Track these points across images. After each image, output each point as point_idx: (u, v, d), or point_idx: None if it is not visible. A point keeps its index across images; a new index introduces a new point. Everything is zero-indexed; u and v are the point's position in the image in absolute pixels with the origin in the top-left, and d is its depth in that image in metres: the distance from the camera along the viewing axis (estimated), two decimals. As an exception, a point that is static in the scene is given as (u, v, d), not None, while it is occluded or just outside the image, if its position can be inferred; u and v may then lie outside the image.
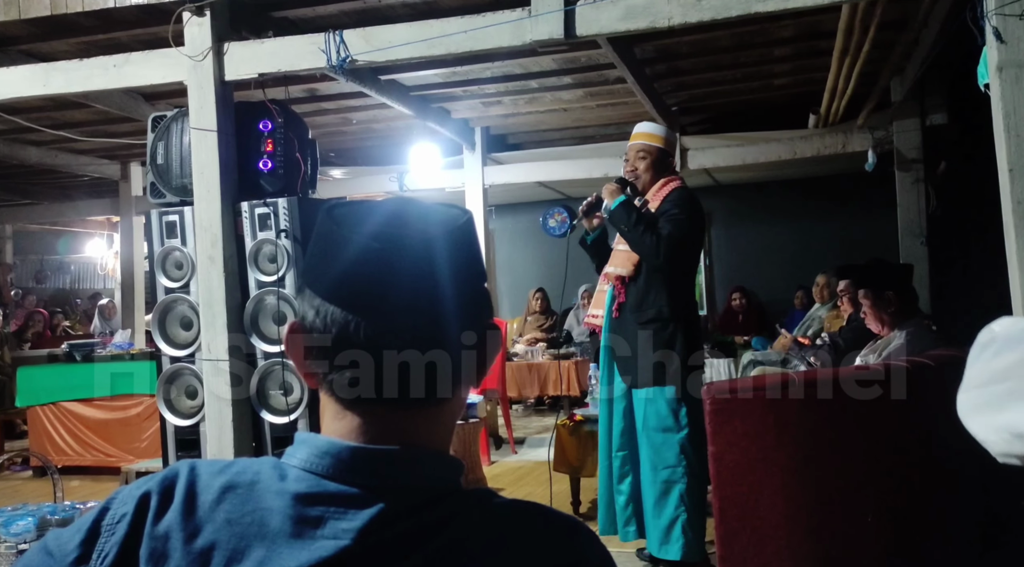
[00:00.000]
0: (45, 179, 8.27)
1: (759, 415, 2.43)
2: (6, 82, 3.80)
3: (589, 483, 4.19)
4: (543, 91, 5.61)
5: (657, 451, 3.14)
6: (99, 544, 0.74)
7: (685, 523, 3.08)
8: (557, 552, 0.73)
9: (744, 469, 2.42)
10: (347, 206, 0.79)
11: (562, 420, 4.18)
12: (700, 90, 5.87)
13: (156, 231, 3.72)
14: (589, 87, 5.55)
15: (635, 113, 6.19)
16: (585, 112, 6.29)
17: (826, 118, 5.74)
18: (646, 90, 5.21)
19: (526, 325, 7.92)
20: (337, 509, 0.72)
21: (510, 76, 5.22)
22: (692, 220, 3.20)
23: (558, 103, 5.94)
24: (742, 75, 5.54)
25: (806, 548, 2.40)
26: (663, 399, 3.12)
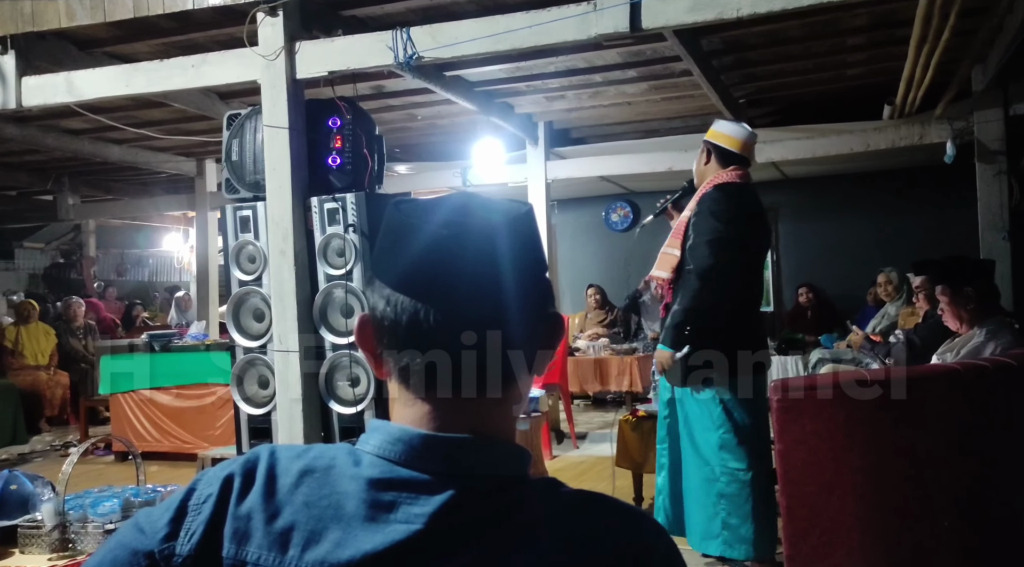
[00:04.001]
0: (126, 176, 8.63)
1: (829, 414, 2.37)
2: (92, 83, 3.98)
3: (652, 479, 4.16)
4: (607, 85, 5.57)
5: (696, 448, 3.14)
6: (186, 523, 0.77)
7: (725, 520, 3.05)
8: (624, 540, 0.74)
9: (813, 468, 2.37)
10: (413, 200, 0.81)
11: (624, 416, 4.17)
12: (768, 82, 5.74)
13: (230, 226, 3.84)
14: (654, 80, 5.49)
15: (701, 106, 6.10)
16: (649, 106, 6.22)
17: (902, 109, 5.55)
18: (713, 83, 5.12)
19: (587, 320, 7.90)
20: (409, 494, 0.74)
21: (574, 70, 5.20)
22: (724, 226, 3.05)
23: (622, 97, 5.89)
24: (813, 66, 5.39)
25: (878, 551, 2.34)
26: (698, 397, 3.10)
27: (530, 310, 0.78)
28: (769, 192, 6.42)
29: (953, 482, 2.35)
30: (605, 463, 4.93)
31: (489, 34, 3.36)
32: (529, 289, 0.78)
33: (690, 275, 3.06)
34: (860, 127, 5.95)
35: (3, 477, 2.21)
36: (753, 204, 3.20)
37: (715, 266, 3.00)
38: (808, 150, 6.13)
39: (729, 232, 3.03)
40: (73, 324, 8.20)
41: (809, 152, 6.14)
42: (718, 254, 3.00)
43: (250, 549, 0.74)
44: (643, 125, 6.88)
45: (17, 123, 5.90)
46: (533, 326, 0.79)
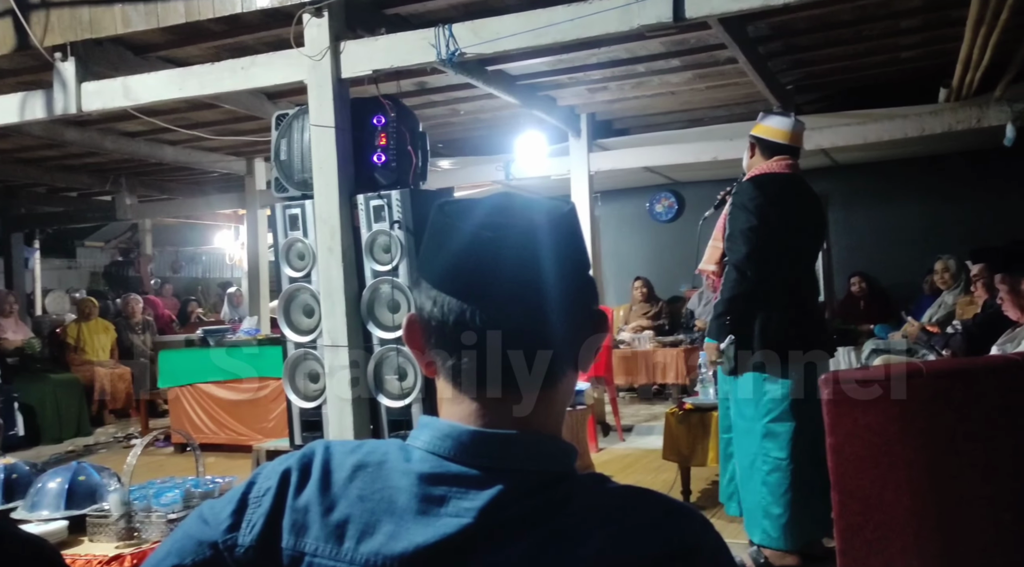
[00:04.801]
0: (179, 176, 8.86)
1: (882, 406, 2.33)
2: (148, 87, 4.10)
3: (699, 472, 4.13)
4: (650, 75, 5.52)
5: (742, 436, 3.18)
6: (247, 514, 0.80)
7: (766, 508, 3.07)
8: (672, 536, 0.74)
9: (866, 462, 2.33)
10: (458, 201, 0.83)
11: (671, 408, 4.14)
12: (818, 67, 5.62)
13: (280, 224, 3.92)
14: (698, 69, 5.42)
15: (747, 94, 6.01)
16: (694, 95, 6.15)
17: (959, 91, 5.38)
18: (759, 70, 5.04)
19: (631, 313, 7.86)
20: (459, 489, 0.76)
21: (617, 61, 5.17)
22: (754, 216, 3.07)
23: (666, 86, 5.84)
24: (864, 50, 5.27)
25: (935, 546, 2.29)
26: (745, 385, 3.12)
27: (573, 308, 0.79)
28: (819, 179, 6.28)
29: (1013, 476, 2.29)
30: (652, 456, 4.91)
31: (531, 28, 3.36)
32: (572, 287, 0.79)
33: (728, 266, 3.13)
34: (915, 111, 5.79)
35: (72, 469, 2.31)
36: (791, 192, 3.18)
37: (749, 255, 3.05)
38: (860, 136, 5.99)
39: (760, 222, 3.06)
40: (132, 320, 8.47)
41: (861, 138, 5.99)
42: (751, 244, 3.05)
43: (308, 540, 0.77)
44: (687, 114, 6.81)
45: (78, 127, 6.11)
46: (577, 323, 0.80)
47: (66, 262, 13.07)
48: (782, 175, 3.17)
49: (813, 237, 3.34)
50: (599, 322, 0.83)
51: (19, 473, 2.42)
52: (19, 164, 7.77)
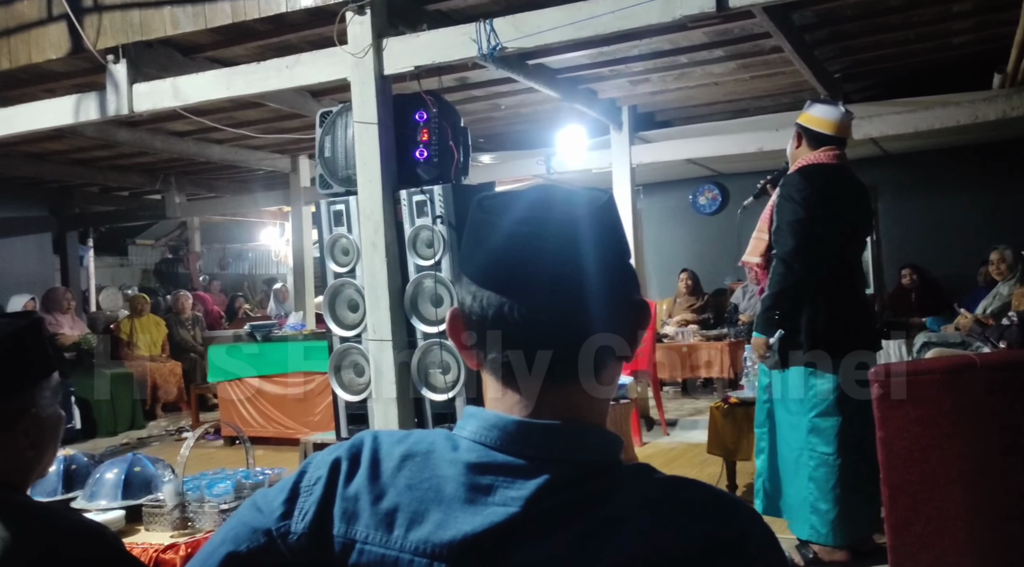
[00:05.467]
0: (226, 174, 9.04)
1: (934, 400, 2.28)
2: (196, 87, 4.20)
3: (745, 467, 4.09)
4: (693, 66, 5.46)
5: (787, 430, 3.13)
6: (299, 503, 0.82)
7: (813, 504, 3.02)
8: (719, 526, 0.74)
9: (917, 457, 2.29)
10: (496, 196, 0.83)
11: (716, 402, 4.10)
12: (866, 55, 5.50)
13: (324, 220, 3.97)
14: (742, 59, 5.34)
15: (792, 83, 5.90)
16: (738, 85, 6.06)
17: (1013, 77, 5.21)
18: (805, 58, 4.95)
19: (676, 306, 7.79)
20: (506, 478, 0.76)
21: (658, 53, 5.12)
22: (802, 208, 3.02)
23: (709, 77, 5.76)
24: (914, 36, 5.13)
25: (986, 541, 2.24)
26: (791, 379, 3.07)
27: (614, 299, 0.79)
28: (868, 169, 6.14)
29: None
30: (696, 450, 4.88)
31: (572, 21, 3.35)
32: (612, 278, 0.79)
33: (775, 259, 3.08)
34: (968, 98, 5.62)
35: (128, 460, 2.38)
36: (839, 184, 3.12)
37: (796, 248, 3.00)
38: (910, 124, 5.83)
39: (808, 214, 3.00)
40: (182, 316, 8.68)
41: (911, 126, 5.84)
42: (799, 236, 3.00)
43: (358, 528, 0.79)
44: (731, 105, 6.71)
45: (129, 127, 6.27)
46: (618, 314, 0.80)
47: (119, 260, 13.44)
48: (830, 166, 3.12)
49: (861, 229, 3.28)
50: (641, 312, 0.83)
51: (78, 464, 2.51)
52: (74, 165, 8.01)
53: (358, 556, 0.78)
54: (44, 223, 9.29)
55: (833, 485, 2.97)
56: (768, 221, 3.17)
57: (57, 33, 4.28)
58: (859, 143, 6.38)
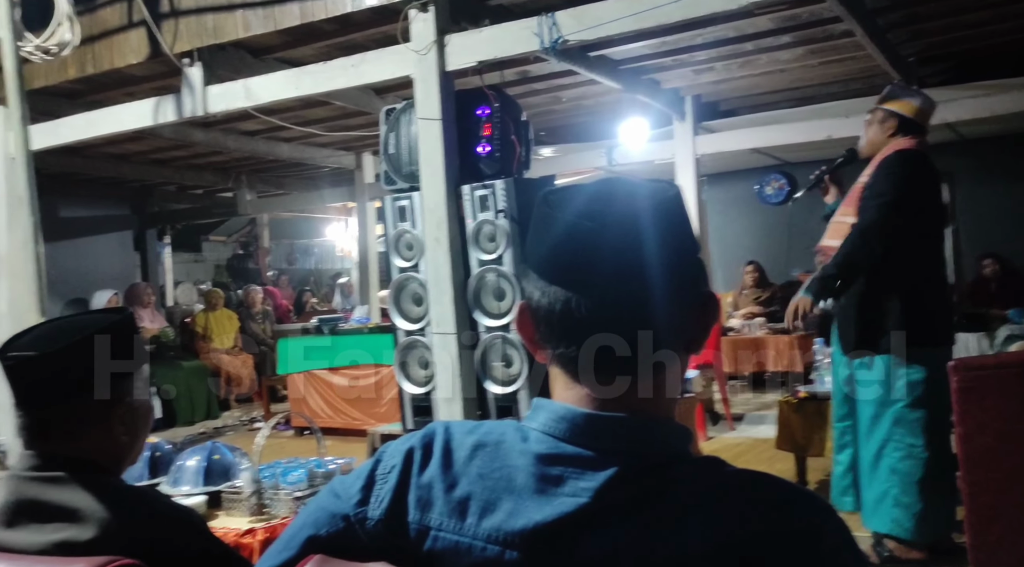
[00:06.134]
0: (293, 171, 9.26)
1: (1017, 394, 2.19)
2: (266, 87, 4.32)
3: (816, 463, 4.00)
4: (759, 53, 5.34)
5: (870, 421, 3.02)
6: (375, 490, 0.85)
7: (896, 497, 2.92)
8: (791, 520, 0.74)
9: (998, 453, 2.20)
10: (561, 190, 0.84)
11: (785, 397, 4.03)
12: (941, 37, 5.28)
13: (389, 215, 4.04)
14: (811, 44, 5.20)
15: (863, 68, 5.72)
16: (806, 71, 5.90)
17: (1100, 56, 4.94)
18: (878, 42, 4.78)
19: (742, 298, 7.65)
20: (575, 469, 0.78)
21: (723, 41, 5.03)
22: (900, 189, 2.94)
23: (775, 64, 5.63)
24: (992, 16, 4.90)
25: (1076, 545, 2.15)
26: (876, 369, 2.97)
27: (681, 293, 0.79)
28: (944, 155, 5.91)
29: None
30: (764, 445, 4.79)
31: (634, 12, 3.32)
32: (679, 271, 0.79)
33: (853, 230, 2.99)
34: (1049, 79, 5.36)
35: (208, 448, 2.49)
36: (933, 173, 3.07)
37: (878, 223, 2.92)
38: (988, 108, 5.59)
39: (898, 196, 2.92)
40: (253, 310, 8.95)
41: (989, 110, 5.60)
42: (885, 214, 2.92)
43: (432, 516, 0.81)
44: (798, 92, 6.54)
45: (203, 128, 6.49)
46: (684, 307, 0.80)
47: (193, 256, 13.93)
48: (924, 154, 3.06)
49: (944, 219, 3.21)
50: (708, 305, 0.83)
51: (162, 452, 2.63)
52: (152, 165, 8.33)
53: (432, 542, 0.81)
54: (126, 221, 9.69)
55: (920, 478, 2.89)
56: (856, 204, 3.07)
57: (137, 39, 4.46)
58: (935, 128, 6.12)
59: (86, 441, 1.22)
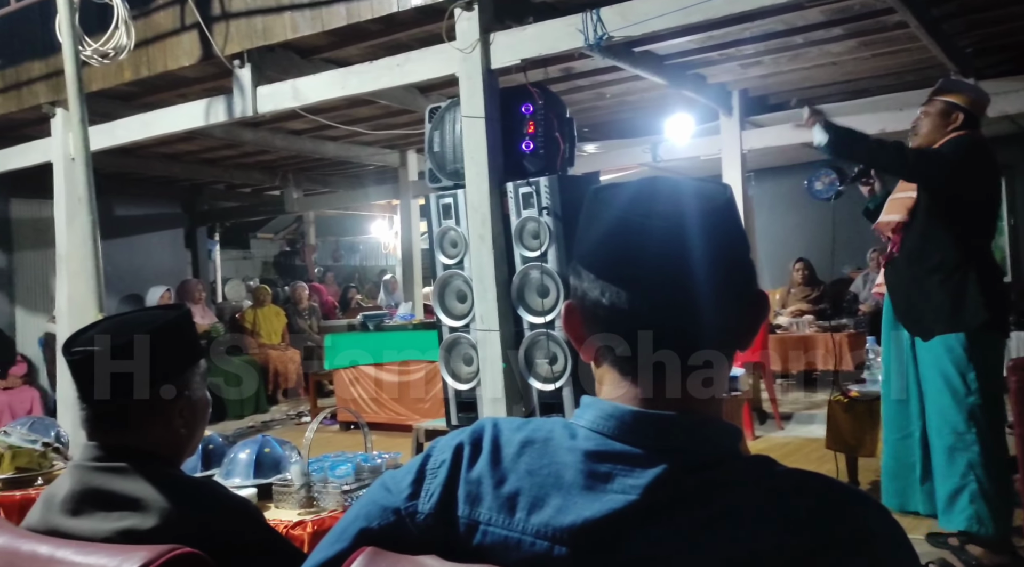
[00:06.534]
0: (339, 170, 9.39)
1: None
2: (314, 88, 4.39)
3: (867, 463, 3.92)
4: (808, 46, 5.24)
5: (943, 414, 2.88)
6: (425, 484, 0.86)
7: (974, 493, 2.79)
8: (842, 522, 0.73)
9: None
10: (608, 187, 0.84)
11: (835, 396, 3.95)
12: (999, 28, 5.11)
13: (434, 213, 4.07)
14: (863, 36, 5.08)
15: (917, 60, 5.57)
16: (857, 64, 5.77)
17: None
18: (932, 33, 4.66)
19: (790, 296, 7.52)
20: (624, 467, 0.78)
21: (771, 34, 4.95)
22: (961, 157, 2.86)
23: (826, 57, 5.51)
24: (1053, 5, 4.74)
25: None
26: (951, 357, 2.84)
27: (729, 290, 0.79)
28: (1004, 147, 5.73)
29: None
30: (813, 445, 4.71)
31: (680, 7, 3.29)
32: (726, 269, 0.79)
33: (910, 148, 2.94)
34: (1114, 69, 5.15)
35: (259, 441, 2.54)
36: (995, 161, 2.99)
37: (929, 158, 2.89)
38: (1050, 99, 5.41)
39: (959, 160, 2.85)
40: (300, 306, 9.10)
41: (1051, 102, 5.41)
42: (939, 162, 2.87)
43: (482, 511, 0.82)
44: (850, 85, 6.39)
45: (252, 128, 6.62)
46: (734, 305, 0.80)
47: (242, 253, 14.21)
48: (985, 140, 2.99)
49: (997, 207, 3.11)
50: (757, 304, 0.83)
51: (214, 444, 2.69)
52: (203, 164, 8.52)
53: (482, 537, 0.81)
54: (177, 219, 9.94)
55: (995, 471, 2.78)
56: None
57: (189, 41, 4.57)
58: (993, 120, 5.94)
59: (147, 433, 1.27)
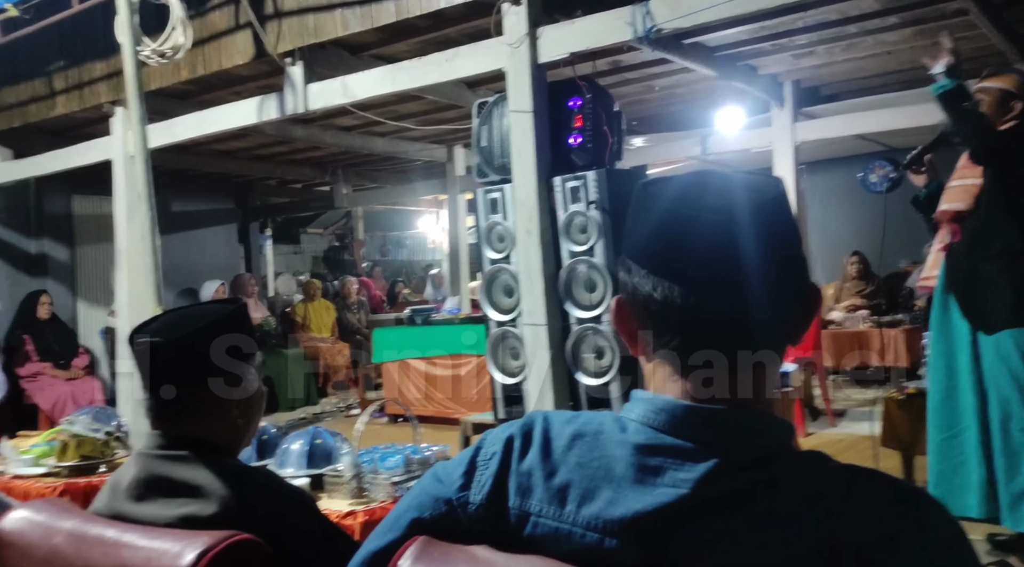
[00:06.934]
0: (387, 165, 9.49)
1: None
2: (363, 84, 4.44)
3: (923, 461, 3.83)
4: (863, 35, 5.11)
5: (1005, 407, 2.76)
6: (477, 475, 0.88)
7: None
8: (897, 518, 0.72)
9: None
10: (658, 181, 0.84)
11: (891, 392, 3.86)
12: (1066, 12, 4.92)
13: (481, 208, 4.09)
14: (920, 24, 4.94)
15: (977, 48, 5.38)
16: (914, 53, 5.59)
17: None
18: (993, 20, 4.50)
19: (843, 291, 7.36)
20: (675, 460, 0.78)
21: (825, 23, 4.84)
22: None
23: (881, 46, 5.37)
24: (1124, -13, 4.54)
25: None
26: (1018, 352, 2.73)
27: (780, 283, 0.78)
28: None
29: None
30: (867, 443, 4.60)
31: (731, -3, 3.24)
32: (777, 262, 0.78)
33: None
34: None
35: (311, 433, 2.59)
36: None
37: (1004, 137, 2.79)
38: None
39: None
40: (348, 300, 9.24)
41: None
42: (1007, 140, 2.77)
43: (532, 502, 0.83)
44: (906, 75, 6.21)
45: (303, 124, 6.73)
46: (785, 299, 0.79)
47: (292, 248, 14.48)
48: None
49: None
50: (810, 298, 0.82)
51: (268, 435, 2.76)
52: (256, 160, 8.70)
53: (532, 528, 0.82)
54: (230, 215, 10.17)
55: None
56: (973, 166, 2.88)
57: (243, 40, 4.67)
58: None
59: (207, 423, 1.31)
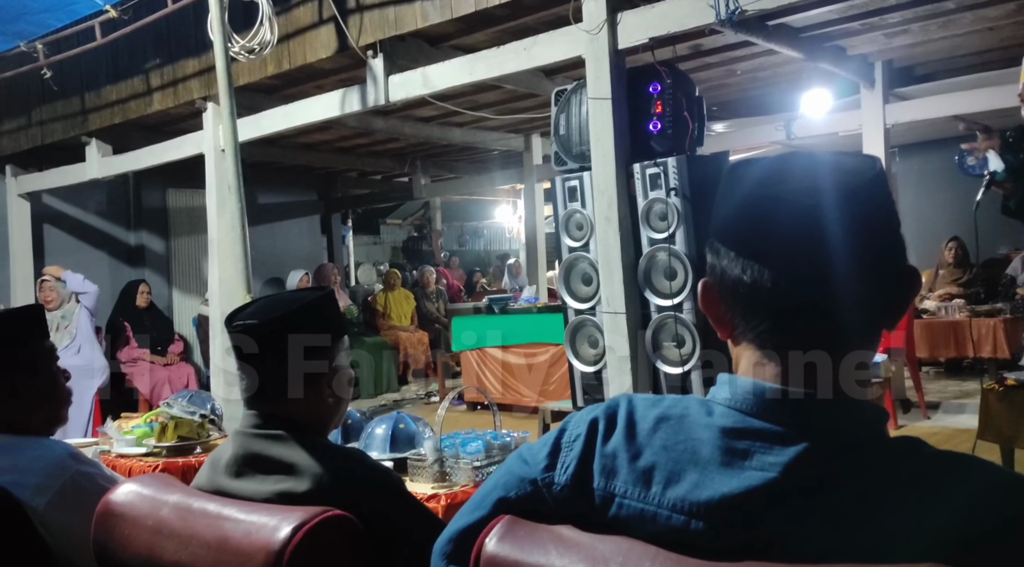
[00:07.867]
0: (464, 155, 9.57)
1: None
2: (442, 75, 4.49)
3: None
4: (962, 11, 4.85)
5: None
6: (561, 457, 0.89)
7: None
8: (999, 505, 0.69)
9: None
10: (745, 163, 0.82)
11: (989, 384, 3.68)
12: None
13: (559, 196, 4.09)
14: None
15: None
16: (1017, 28, 5.28)
17: None
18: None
19: (938, 279, 7.03)
20: (763, 444, 0.77)
21: (919, 0, 4.62)
22: None
23: (982, 22, 5.08)
24: None
25: None
26: None
27: (875, 267, 0.76)
28: None
29: None
30: (963, 436, 4.41)
31: (819, -26, 3.13)
32: (872, 246, 0.76)
33: None
34: None
35: (394, 418, 2.66)
36: None
37: None
38: None
39: None
40: (427, 290, 9.39)
41: None
42: None
43: (617, 484, 0.84)
44: (1008, 52, 5.86)
45: (383, 116, 6.86)
46: (881, 282, 0.77)
47: (372, 238, 14.80)
48: None
49: None
50: (907, 280, 0.79)
51: (353, 420, 2.85)
52: (338, 153, 8.92)
53: (617, 509, 0.83)
54: (314, 206, 10.47)
55: None
56: None
57: (326, 34, 4.79)
58: None
59: (300, 403, 1.36)
